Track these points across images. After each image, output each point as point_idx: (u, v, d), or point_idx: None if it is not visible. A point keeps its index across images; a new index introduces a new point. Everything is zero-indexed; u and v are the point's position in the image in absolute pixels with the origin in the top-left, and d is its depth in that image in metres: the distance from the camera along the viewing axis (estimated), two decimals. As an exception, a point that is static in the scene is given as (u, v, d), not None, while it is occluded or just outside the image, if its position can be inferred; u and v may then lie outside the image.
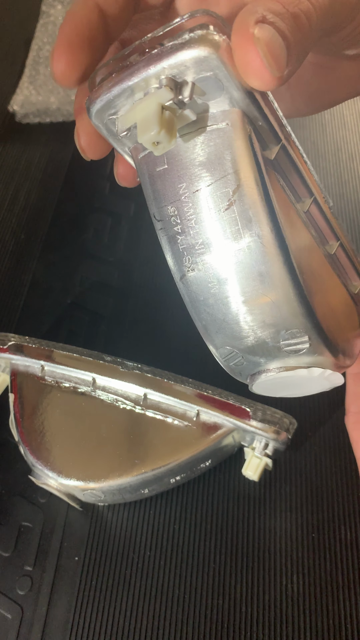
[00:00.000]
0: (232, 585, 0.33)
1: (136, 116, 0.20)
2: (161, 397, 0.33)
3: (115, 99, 0.20)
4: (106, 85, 0.20)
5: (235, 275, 0.21)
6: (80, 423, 0.34)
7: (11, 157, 0.55)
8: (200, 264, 0.22)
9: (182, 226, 0.22)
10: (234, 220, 0.21)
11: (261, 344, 0.23)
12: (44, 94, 0.59)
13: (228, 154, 0.20)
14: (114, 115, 0.21)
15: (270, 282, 0.21)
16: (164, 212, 0.22)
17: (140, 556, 0.34)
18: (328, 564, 0.34)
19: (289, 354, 0.23)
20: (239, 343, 0.23)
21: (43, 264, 0.48)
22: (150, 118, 0.19)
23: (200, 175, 0.21)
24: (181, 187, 0.21)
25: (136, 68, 0.19)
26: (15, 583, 0.34)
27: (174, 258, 0.22)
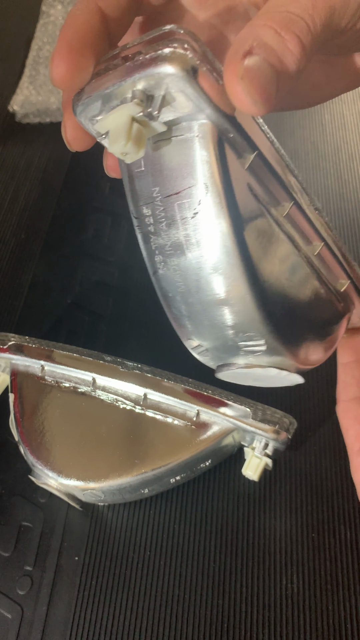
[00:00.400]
0: (232, 585, 0.33)
1: (108, 125, 0.20)
2: (161, 397, 0.33)
3: (95, 103, 0.21)
4: (88, 88, 0.21)
5: (199, 279, 0.23)
6: (80, 423, 0.34)
7: (11, 157, 0.55)
8: (169, 264, 0.23)
9: (155, 227, 0.23)
10: (199, 228, 0.22)
11: (222, 342, 0.25)
12: (44, 94, 0.59)
13: (196, 165, 0.21)
14: (97, 117, 0.22)
15: (230, 289, 0.23)
16: (139, 211, 0.23)
17: (140, 556, 0.34)
18: (328, 563, 0.34)
19: (247, 353, 0.25)
20: (202, 338, 0.25)
21: (43, 263, 0.48)
22: (119, 130, 0.20)
23: (172, 182, 0.22)
24: (155, 190, 0.22)
25: (112, 76, 0.20)
26: (15, 583, 0.34)
27: (148, 255, 0.24)
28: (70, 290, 0.46)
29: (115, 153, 0.20)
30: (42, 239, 0.49)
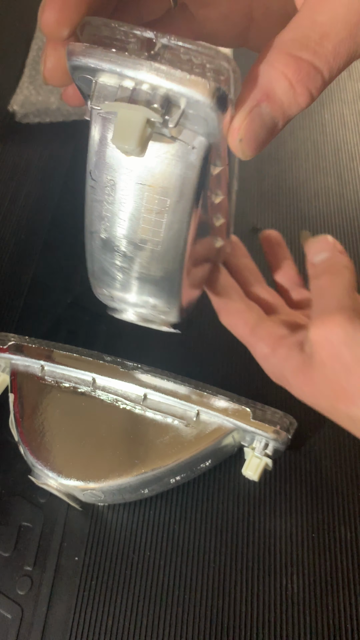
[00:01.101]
0: (232, 585, 0.33)
1: (119, 117, 0.20)
2: (161, 397, 0.33)
3: (100, 70, 0.20)
4: (98, 53, 0.19)
5: (142, 261, 0.26)
6: (80, 423, 0.34)
7: (11, 156, 0.55)
8: (113, 233, 0.25)
9: (113, 199, 0.24)
10: (159, 224, 0.24)
11: (133, 303, 0.29)
12: (44, 94, 0.59)
13: (182, 172, 0.22)
14: (88, 76, 0.21)
15: (160, 281, 0.26)
16: (101, 177, 0.23)
17: (140, 556, 0.34)
18: (328, 564, 0.34)
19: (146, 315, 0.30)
20: (107, 297, 0.29)
21: (43, 263, 0.48)
22: (131, 129, 0.20)
23: (150, 174, 0.22)
24: (130, 171, 0.23)
25: (137, 64, 0.19)
26: (15, 583, 0.34)
27: (93, 215, 0.25)
28: (70, 290, 0.46)
29: (116, 145, 0.20)
30: (42, 239, 0.49)
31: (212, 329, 0.43)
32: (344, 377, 0.28)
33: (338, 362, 0.28)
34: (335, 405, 0.29)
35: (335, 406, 0.29)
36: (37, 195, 0.52)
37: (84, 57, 0.19)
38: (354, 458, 0.37)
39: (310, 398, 0.30)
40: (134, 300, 0.28)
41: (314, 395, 0.30)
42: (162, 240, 0.25)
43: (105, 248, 0.26)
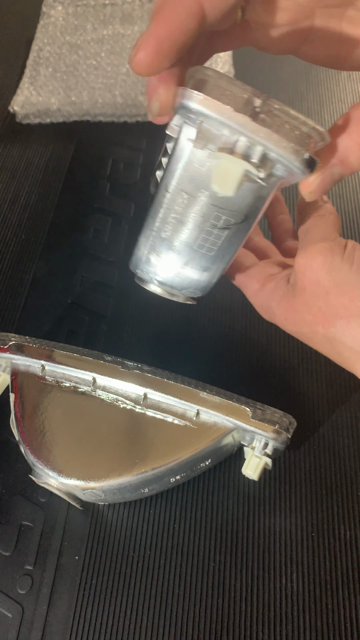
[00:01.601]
0: (232, 584, 0.33)
1: (222, 166, 0.23)
2: (161, 397, 0.33)
3: (212, 120, 0.22)
4: (216, 106, 0.22)
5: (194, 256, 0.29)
6: (80, 422, 0.34)
7: (12, 157, 0.55)
8: (174, 236, 0.28)
9: (182, 211, 0.27)
10: (221, 237, 0.28)
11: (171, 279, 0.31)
12: (45, 95, 0.59)
13: (253, 202, 0.26)
14: (193, 116, 0.23)
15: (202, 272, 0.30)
16: (176, 193, 0.26)
17: (140, 555, 0.34)
18: (327, 563, 0.34)
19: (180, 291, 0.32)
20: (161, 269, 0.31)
21: (43, 264, 0.48)
22: (232, 179, 0.23)
23: (225, 201, 0.25)
24: (204, 192, 0.25)
25: (247, 124, 0.22)
26: (15, 582, 0.34)
27: (159, 221, 0.28)
28: (70, 291, 0.46)
29: (213, 188, 0.24)
30: (43, 239, 0.50)
31: (212, 329, 0.43)
32: (322, 300, 0.30)
33: (317, 286, 0.30)
34: (314, 329, 0.31)
35: (314, 330, 0.31)
36: (37, 196, 0.52)
37: (203, 106, 0.22)
38: (353, 457, 0.37)
39: (293, 326, 0.33)
40: (172, 281, 0.31)
41: (295, 322, 0.32)
42: (218, 248, 0.28)
43: (162, 243, 0.29)
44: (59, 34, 0.65)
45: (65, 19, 0.66)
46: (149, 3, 0.67)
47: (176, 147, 0.25)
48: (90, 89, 0.59)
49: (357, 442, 0.38)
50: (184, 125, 0.24)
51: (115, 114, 0.58)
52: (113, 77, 0.60)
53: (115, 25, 0.65)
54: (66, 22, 0.66)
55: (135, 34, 0.64)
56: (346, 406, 0.39)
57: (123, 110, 0.58)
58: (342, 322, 0.30)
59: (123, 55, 0.62)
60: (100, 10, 0.67)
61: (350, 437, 0.38)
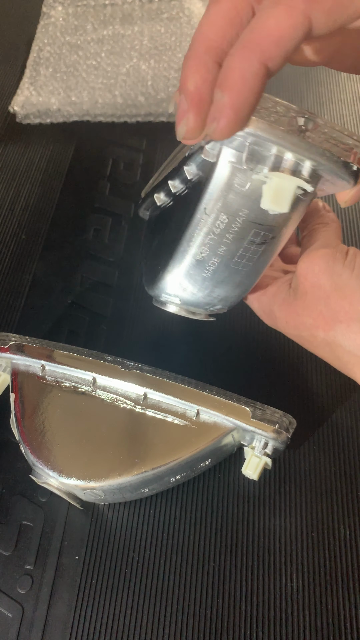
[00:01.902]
0: (231, 584, 0.33)
1: (276, 185, 0.24)
2: (161, 397, 0.33)
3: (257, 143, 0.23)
4: (267, 128, 0.22)
5: (228, 276, 0.29)
6: (80, 422, 0.34)
7: (12, 157, 0.56)
8: (211, 260, 0.28)
9: (221, 232, 0.27)
10: (258, 253, 0.28)
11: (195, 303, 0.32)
12: (45, 95, 0.59)
13: (290, 216, 0.26)
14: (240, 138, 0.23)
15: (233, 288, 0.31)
16: (214, 214, 0.26)
17: (140, 555, 0.34)
18: (327, 562, 0.34)
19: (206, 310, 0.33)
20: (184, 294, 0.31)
21: (44, 264, 0.48)
22: (286, 196, 0.24)
23: (264, 215, 0.26)
24: (244, 211, 0.26)
25: (299, 142, 0.23)
26: (15, 582, 0.34)
27: (194, 242, 0.28)
28: (70, 291, 0.46)
29: (267, 207, 0.24)
30: (43, 239, 0.50)
31: (212, 329, 0.43)
32: (323, 304, 0.31)
33: (319, 290, 0.30)
34: (315, 333, 0.32)
35: (314, 334, 0.32)
36: (37, 196, 0.52)
37: (255, 129, 0.22)
38: (353, 457, 0.37)
39: (294, 329, 0.33)
40: (202, 300, 0.31)
41: (296, 326, 0.33)
42: (254, 263, 0.29)
43: (198, 265, 0.29)
44: (59, 34, 0.65)
45: (65, 19, 0.66)
46: (149, 3, 0.67)
47: (214, 170, 0.25)
48: (90, 89, 0.59)
49: (357, 442, 0.38)
50: (224, 148, 0.25)
51: (115, 114, 0.58)
52: (113, 77, 0.60)
53: (116, 25, 0.65)
54: (66, 22, 0.66)
55: (135, 34, 0.64)
56: (346, 406, 0.39)
57: (123, 111, 0.58)
58: (342, 325, 0.30)
59: (123, 56, 0.62)
60: (101, 10, 0.67)
61: (350, 437, 0.38)
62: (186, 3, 0.67)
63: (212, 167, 0.25)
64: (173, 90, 0.59)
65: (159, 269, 0.31)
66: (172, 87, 0.59)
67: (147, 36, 0.64)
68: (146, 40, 0.63)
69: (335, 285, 0.30)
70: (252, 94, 0.21)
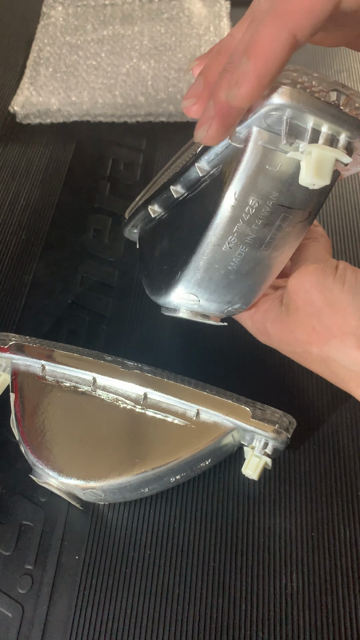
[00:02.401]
0: (231, 584, 0.33)
1: (315, 157, 0.23)
2: (161, 397, 0.33)
3: (303, 113, 0.23)
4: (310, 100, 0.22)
5: (253, 267, 0.29)
6: (80, 422, 0.34)
7: (12, 157, 0.56)
8: (238, 248, 0.28)
9: (250, 218, 0.26)
10: (286, 238, 0.28)
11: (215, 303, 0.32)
12: (45, 95, 0.59)
13: (319, 197, 0.26)
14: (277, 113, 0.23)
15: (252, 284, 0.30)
16: (244, 198, 0.26)
17: (140, 555, 0.34)
18: (327, 562, 0.34)
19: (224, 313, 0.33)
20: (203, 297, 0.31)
21: (44, 264, 0.48)
22: (326, 168, 0.23)
23: (294, 197, 0.26)
24: (274, 194, 0.26)
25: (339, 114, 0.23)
26: (15, 582, 0.34)
27: (223, 231, 0.27)
28: (70, 291, 0.46)
29: (307, 181, 0.24)
30: (43, 239, 0.50)
31: (212, 329, 0.43)
32: (315, 320, 0.30)
33: (310, 306, 0.30)
34: (309, 349, 0.32)
35: (308, 350, 0.32)
36: (37, 196, 0.52)
37: (295, 101, 0.22)
38: (353, 457, 0.37)
39: (287, 346, 0.33)
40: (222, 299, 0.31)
41: (290, 342, 0.33)
42: (279, 252, 0.28)
43: (222, 258, 0.28)
44: (59, 34, 0.65)
45: (65, 19, 0.66)
46: (149, 3, 0.67)
47: (245, 153, 0.25)
48: (90, 89, 0.59)
49: (357, 442, 0.38)
50: (253, 130, 0.24)
51: (115, 114, 0.58)
52: (113, 77, 0.60)
53: (116, 25, 0.65)
54: (66, 22, 0.66)
55: (135, 34, 0.64)
56: (346, 406, 0.39)
57: (123, 111, 0.58)
58: (335, 340, 0.30)
59: (123, 56, 0.62)
60: (101, 10, 0.67)
61: (350, 437, 0.38)
62: (186, 3, 0.67)
63: (242, 151, 0.25)
64: (173, 90, 0.59)
65: (173, 273, 0.31)
66: (172, 87, 0.59)
67: (147, 36, 0.64)
68: (146, 40, 0.64)
69: (327, 301, 0.30)
70: (277, 63, 0.21)
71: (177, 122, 0.58)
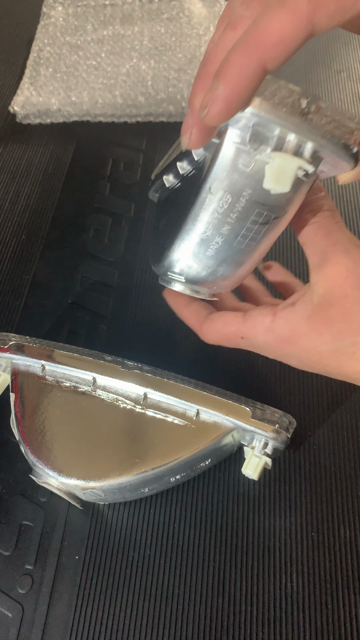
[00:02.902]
0: (232, 584, 0.33)
1: (277, 165, 0.24)
2: (161, 397, 0.33)
3: (261, 124, 0.24)
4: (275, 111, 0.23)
5: (232, 254, 0.29)
6: (80, 422, 0.34)
7: (12, 157, 0.56)
8: (215, 239, 0.29)
9: (225, 211, 0.27)
10: (261, 232, 0.28)
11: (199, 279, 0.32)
12: (45, 95, 0.59)
13: (292, 196, 0.27)
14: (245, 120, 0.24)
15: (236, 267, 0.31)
16: (219, 193, 0.27)
17: (140, 555, 0.34)
18: (327, 562, 0.34)
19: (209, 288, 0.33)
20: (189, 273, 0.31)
21: (44, 264, 0.48)
22: (287, 176, 0.25)
23: (267, 195, 0.26)
24: (247, 190, 0.26)
25: (302, 124, 0.23)
26: (16, 582, 0.34)
27: (199, 221, 0.28)
28: (70, 291, 0.46)
29: (269, 187, 0.25)
30: (43, 239, 0.50)
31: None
32: None
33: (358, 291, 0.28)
34: (357, 339, 0.29)
35: (357, 340, 0.29)
36: (37, 196, 0.52)
37: (259, 110, 0.23)
38: (353, 457, 0.37)
39: (332, 340, 0.29)
40: (205, 279, 0.32)
41: (335, 336, 0.29)
42: (257, 242, 0.29)
43: (202, 244, 0.29)
44: (59, 34, 0.65)
45: (65, 19, 0.66)
46: (149, 4, 0.67)
47: (220, 150, 0.26)
48: (90, 89, 0.59)
49: (357, 442, 0.38)
50: (229, 129, 0.25)
51: (115, 115, 0.58)
52: (113, 77, 0.60)
53: (116, 25, 0.65)
54: (66, 22, 0.66)
55: (135, 35, 0.64)
56: (346, 406, 0.39)
57: (123, 111, 0.58)
58: None
59: (123, 56, 0.62)
60: (101, 10, 0.67)
61: (350, 437, 0.38)
62: (186, 3, 0.67)
63: (218, 147, 0.26)
64: (173, 90, 0.59)
65: (165, 248, 0.32)
66: (172, 87, 0.59)
67: (147, 36, 0.64)
68: (146, 40, 0.64)
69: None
70: (245, 90, 0.22)
71: (177, 122, 0.58)
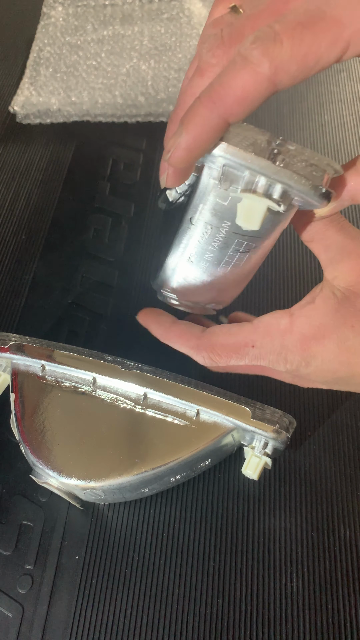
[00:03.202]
0: (231, 584, 0.33)
1: (247, 205, 0.25)
2: (161, 397, 0.33)
3: (231, 167, 0.25)
4: (241, 154, 0.24)
5: (215, 278, 0.31)
6: (80, 422, 0.34)
7: (12, 157, 0.56)
8: (200, 264, 0.30)
9: (207, 240, 0.29)
10: (243, 260, 0.29)
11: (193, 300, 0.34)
12: (45, 95, 0.59)
13: (271, 227, 0.28)
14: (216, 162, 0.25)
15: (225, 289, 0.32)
16: (200, 224, 0.28)
17: (140, 555, 0.34)
18: (327, 562, 0.34)
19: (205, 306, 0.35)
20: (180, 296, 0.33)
21: (44, 264, 0.48)
22: (256, 216, 0.25)
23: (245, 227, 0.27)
24: (226, 223, 0.27)
25: (269, 166, 0.24)
26: (15, 582, 0.34)
27: (184, 248, 0.30)
28: (70, 291, 0.46)
29: (240, 224, 0.26)
30: (43, 239, 0.50)
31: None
32: None
33: None
34: None
35: None
36: (37, 196, 0.52)
37: (227, 154, 0.24)
38: (353, 457, 0.37)
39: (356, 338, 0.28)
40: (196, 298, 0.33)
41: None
42: (240, 268, 0.30)
43: (189, 267, 0.31)
44: (59, 34, 0.65)
45: (65, 19, 0.66)
46: (149, 4, 0.67)
47: (199, 185, 0.27)
48: (90, 89, 0.59)
49: (357, 442, 0.38)
50: (205, 165, 0.26)
51: (115, 114, 0.58)
52: (113, 77, 0.60)
53: (116, 25, 0.65)
54: (66, 22, 0.66)
55: (135, 35, 0.64)
56: (346, 406, 0.39)
57: (123, 111, 0.58)
58: None
59: (123, 56, 0.62)
60: (101, 10, 0.67)
61: (350, 437, 0.38)
62: (186, 3, 0.67)
63: (197, 182, 0.27)
64: (173, 90, 0.59)
65: (159, 267, 0.33)
66: (172, 87, 0.59)
67: (147, 36, 0.64)
68: (146, 40, 0.64)
69: None
70: (206, 140, 0.23)
71: (177, 122, 0.58)
